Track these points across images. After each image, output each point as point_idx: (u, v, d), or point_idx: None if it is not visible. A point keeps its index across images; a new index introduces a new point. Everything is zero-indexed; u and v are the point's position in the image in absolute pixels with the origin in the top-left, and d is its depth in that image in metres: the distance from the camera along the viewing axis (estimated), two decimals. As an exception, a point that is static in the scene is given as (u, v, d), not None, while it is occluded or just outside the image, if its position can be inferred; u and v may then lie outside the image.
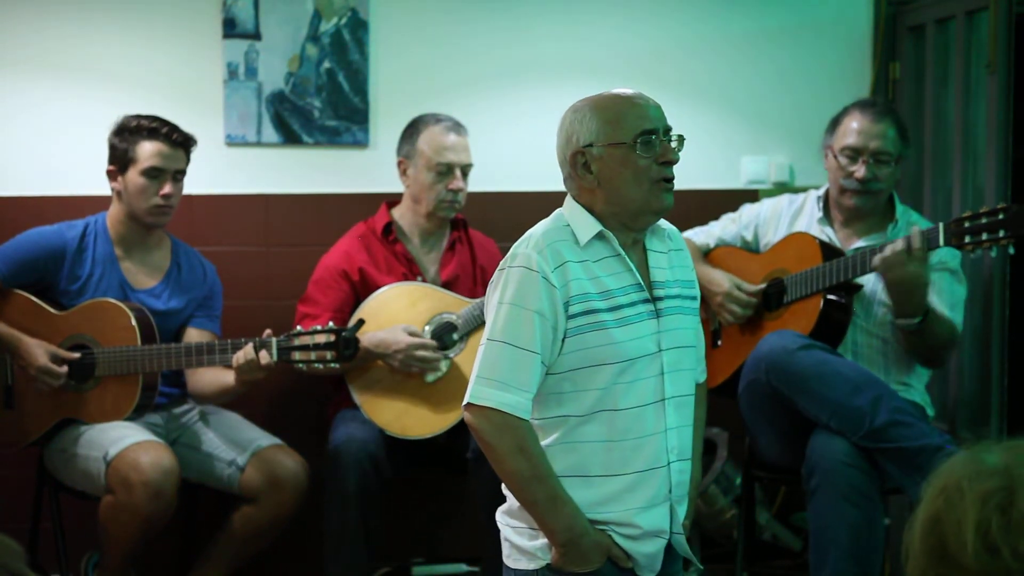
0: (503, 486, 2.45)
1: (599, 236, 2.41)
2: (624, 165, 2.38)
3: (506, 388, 2.34)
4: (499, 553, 2.50)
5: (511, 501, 2.44)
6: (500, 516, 2.50)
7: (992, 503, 1.33)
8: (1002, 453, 1.38)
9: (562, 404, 2.40)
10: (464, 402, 2.38)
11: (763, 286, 3.59)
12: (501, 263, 2.42)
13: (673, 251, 2.53)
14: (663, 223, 2.53)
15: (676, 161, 2.41)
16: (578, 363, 2.37)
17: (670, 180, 2.41)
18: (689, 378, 2.51)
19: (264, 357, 3.31)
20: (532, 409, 2.41)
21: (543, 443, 2.40)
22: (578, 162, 2.41)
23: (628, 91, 2.45)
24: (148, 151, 3.48)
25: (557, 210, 2.48)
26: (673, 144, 2.42)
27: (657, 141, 2.39)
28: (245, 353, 3.33)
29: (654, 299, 2.43)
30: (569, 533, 2.36)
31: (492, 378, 2.35)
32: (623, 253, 2.42)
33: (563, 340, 2.36)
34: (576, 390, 2.38)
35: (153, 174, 3.48)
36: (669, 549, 2.48)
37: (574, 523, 2.36)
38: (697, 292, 2.57)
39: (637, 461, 2.40)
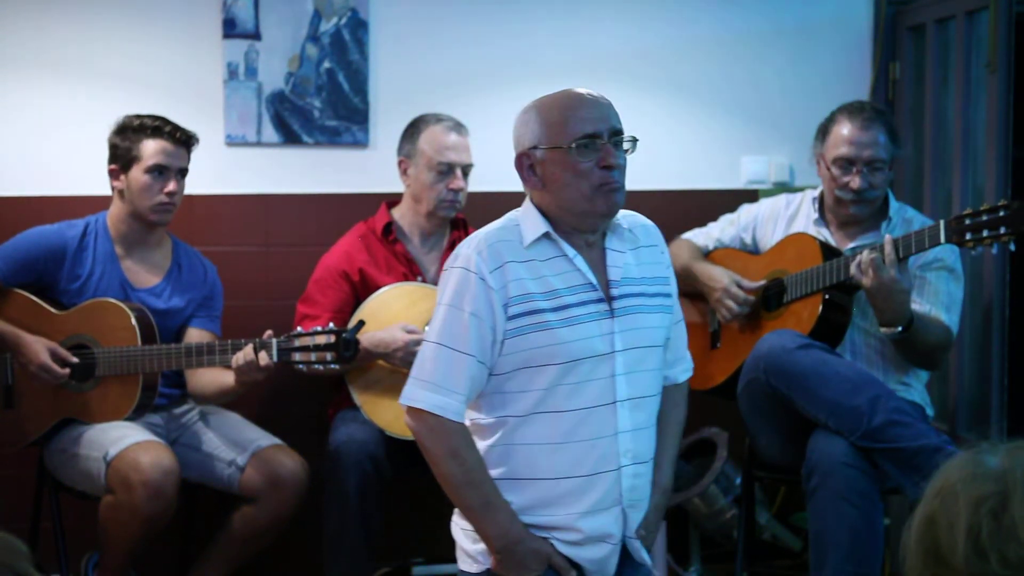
0: None
1: (546, 236, 2.39)
2: (564, 169, 2.36)
3: (439, 390, 2.34)
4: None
5: None
6: (454, 515, 2.50)
7: (985, 508, 1.33)
8: (1002, 456, 1.37)
9: (505, 405, 2.38)
10: (400, 400, 2.40)
11: (763, 283, 3.59)
12: (446, 263, 2.42)
13: (643, 247, 2.49)
14: (627, 219, 2.48)
15: (617, 166, 2.37)
16: (521, 363, 2.35)
17: (613, 183, 2.36)
18: (652, 379, 2.46)
19: (263, 358, 3.31)
20: (478, 408, 2.40)
21: (486, 443, 2.39)
22: (524, 164, 2.40)
23: (578, 91, 2.42)
24: (152, 149, 3.48)
25: (513, 210, 2.47)
26: (626, 147, 2.39)
27: (599, 145, 2.35)
28: (245, 354, 3.33)
29: (609, 298, 2.39)
30: (504, 540, 2.34)
31: (426, 380, 2.35)
32: (570, 254, 2.39)
33: (503, 341, 2.34)
34: (519, 391, 2.36)
35: (157, 172, 3.48)
36: (628, 555, 2.44)
37: (509, 530, 2.34)
38: (671, 289, 2.52)
39: (584, 464, 2.36)
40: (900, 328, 3.22)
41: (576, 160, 2.34)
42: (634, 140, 2.40)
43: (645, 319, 2.43)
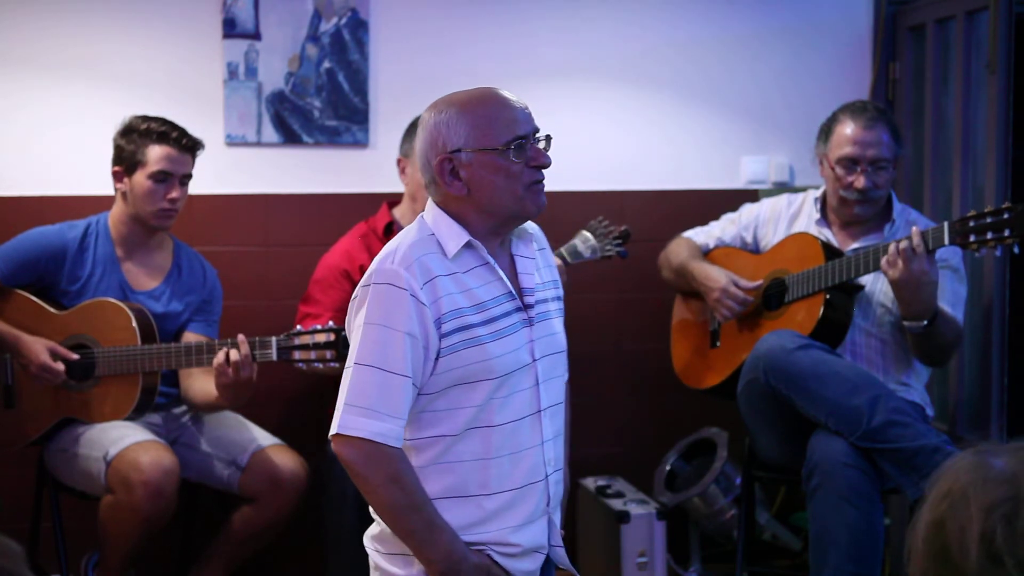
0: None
1: (467, 245, 2.29)
2: (496, 172, 2.27)
3: (377, 416, 2.21)
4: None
5: (382, 526, 2.36)
6: (369, 542, 2.41)
7: (998, 513, 1.33)
8: (1009, 458, 1.37)
9: (435, 424, 2.29)
10: (332, 432, 2.25)
11: (761, 283, 3.59)
12: (364, 279, 2.28)
13: (539, 251, 2.45)
14: (526, 224, 2.43)
15: (548, 164, 2.31)
16: (454, 381, 2.26)
17: (541, 181, 2.31)
18: (562, 384, 2.42)
19: (234, 355, 3.26)
20: (404, 430, 2.29)
21: (417, 464, 2.30)
22: (445, 169, 2.29)
23: (495, 91, 2.33)
24: (157, 155, 3.47)
25: (419, 218, 2.36)
26: (541, 145, 2.32)
27: (528, 145, 2.29)
28: (219, 355, 3.28)
29: (525, 306, 2.34)
30: (448, 561, 2.26)
31: (362, 406, 2.22)
32: (492, 261, 2.32)
33: (436, 360, 2.24)
34: (450, 408, 2.28)
35: (161, 178, 3.47)
36: (547, 563, 2.41)
37: (452, 550, 2.26)
38: (562, 292, 2.49)
39: (515, 477, 2.31)
40: (925, 322, 3.22)
41: (510, 162, 2.27)
42: (549, 138, 2.34)
43: (553, 325, 2.40)
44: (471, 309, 2.26)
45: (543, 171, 2.32)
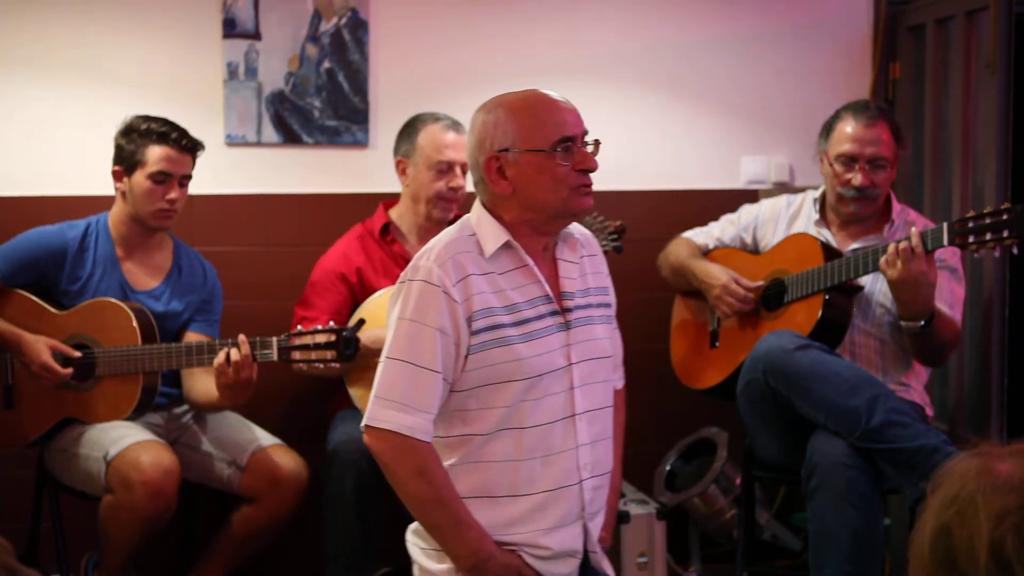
0: None
1: (506, 246, 2.32)
2: (541, 172, 2.30)
3: (406, 409, 2.25)
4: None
5: None
6: (409, 535, 2.44)
7: (1008, 522, 1.32)
8: (1015, 463, 1.36)
9: (467, 422, 2.31)
10: (362, 423, 2.31)
11: (762, 283, 3.59)
12: (402, 276, 2.34)
13: (586, 257, 2.46)
14: (575, 229, 2.46)
15: (595, 168, 2.34)
16: (483, 380, 2.29)
17: (588, 185, 2.34)
18: (605, 390, 2.43)
19: (235, 354, 3.27)
20: (436, 427, 2.33)
21: (447, 462, 2.33)
22: (492, 167, 2.32)
23: (545, 92, 2.37)
24: (157, 155, 3.46)
25: (464, 217, 2.40)
26: (589, 149, 2.35)
27: (575, 148, 2.31)
28: (220, 355, 3.29)
29: (563, 311, 2.35)
30: (475, 558, 2.28)
31: (391, 399, 2.27)
32: (531, 263, 2.34)
33: (466, 357, 2.27)
34: (481, 408, 2.30)
35: (160, 179, 3.47)
36: (587, 568, 2.42)
37: (479, 547, 2.28)
38: (612, 299, 2.51)
39: (545, 480, 2.32)
40: (923, 323, 3.22)
41: (557, 163, 2.29)
42: (597, 142, 2.37)
43: (594, 330, 2.41)
44: (502, 309, 2.29)
45: (590, 176, 2.34)
